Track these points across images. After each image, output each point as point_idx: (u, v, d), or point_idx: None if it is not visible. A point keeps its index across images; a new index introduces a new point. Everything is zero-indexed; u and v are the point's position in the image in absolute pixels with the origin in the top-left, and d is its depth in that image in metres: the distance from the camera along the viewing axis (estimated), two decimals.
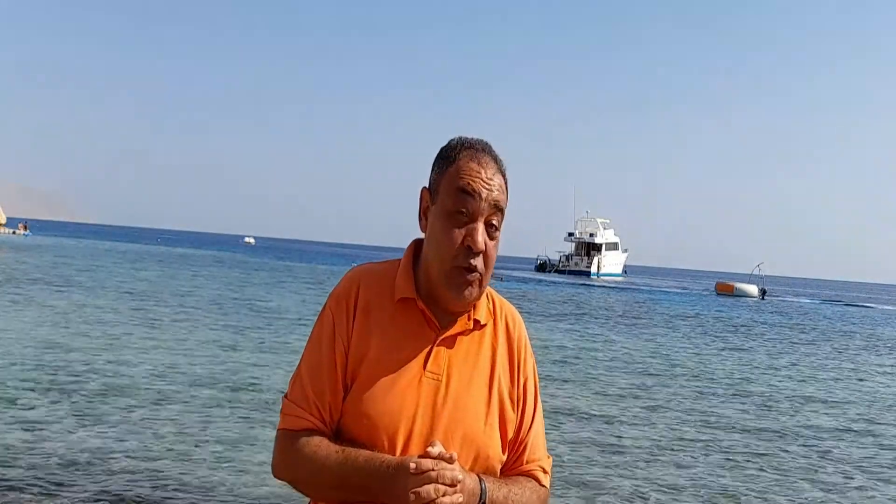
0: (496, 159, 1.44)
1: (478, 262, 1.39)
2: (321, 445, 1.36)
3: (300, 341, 11.92)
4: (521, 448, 1.47)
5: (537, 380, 1.54)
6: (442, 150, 1.46)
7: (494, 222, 1.41)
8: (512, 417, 1.46)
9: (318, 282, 30.48)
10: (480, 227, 1.39)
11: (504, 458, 1.46)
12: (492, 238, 1.42)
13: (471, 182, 1.39)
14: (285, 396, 1.44)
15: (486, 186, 1.40)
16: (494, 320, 1.50)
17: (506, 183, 1.45)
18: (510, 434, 1.46)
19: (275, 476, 1.43)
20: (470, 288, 1.40)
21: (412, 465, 1.27)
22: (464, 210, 1.39)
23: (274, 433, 1.45)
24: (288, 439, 1.39)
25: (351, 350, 1.41)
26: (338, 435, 1.39)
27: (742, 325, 24.28)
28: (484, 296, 1.48)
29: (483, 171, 1.41)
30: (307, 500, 1.45)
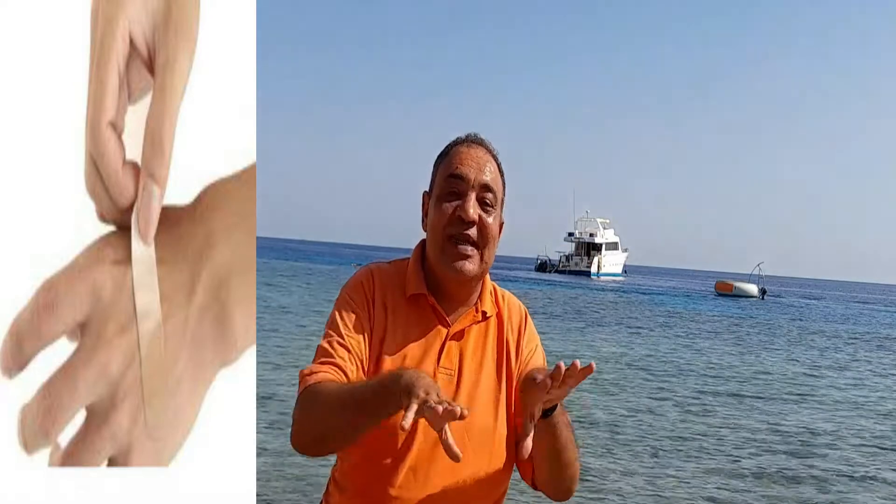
0: (488, 147, 1.49)
1: (472, 232, 1.41)
2: (331, 385, 1.31)
3: (297, 340, 11.95)
4: None
5: (545, 361, 1.56)
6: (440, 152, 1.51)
7: (488, 200, 1.44)
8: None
9: (318, 283, 30.48)
10: (471, 199, 1.42)
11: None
12: (486, 213, 1.43)
13: (460, 163, 1.44)
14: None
15: (476, 165, 1.44)
16: (499, 310, 1.53)
17: (500, 170, 1.49)
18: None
19: (295, 447, 1.36)
20: (465, 260, 1.41)
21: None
22: (455, 190, 1.43)
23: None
24: (305, 396, 1.33)
25: (371, 340, 1.41)
26: None
27: (740, 325, 24.31)
28: (488, 290, 1.51)
29: (472, 152, 1.46)
30: (317, 498, 1.44)
